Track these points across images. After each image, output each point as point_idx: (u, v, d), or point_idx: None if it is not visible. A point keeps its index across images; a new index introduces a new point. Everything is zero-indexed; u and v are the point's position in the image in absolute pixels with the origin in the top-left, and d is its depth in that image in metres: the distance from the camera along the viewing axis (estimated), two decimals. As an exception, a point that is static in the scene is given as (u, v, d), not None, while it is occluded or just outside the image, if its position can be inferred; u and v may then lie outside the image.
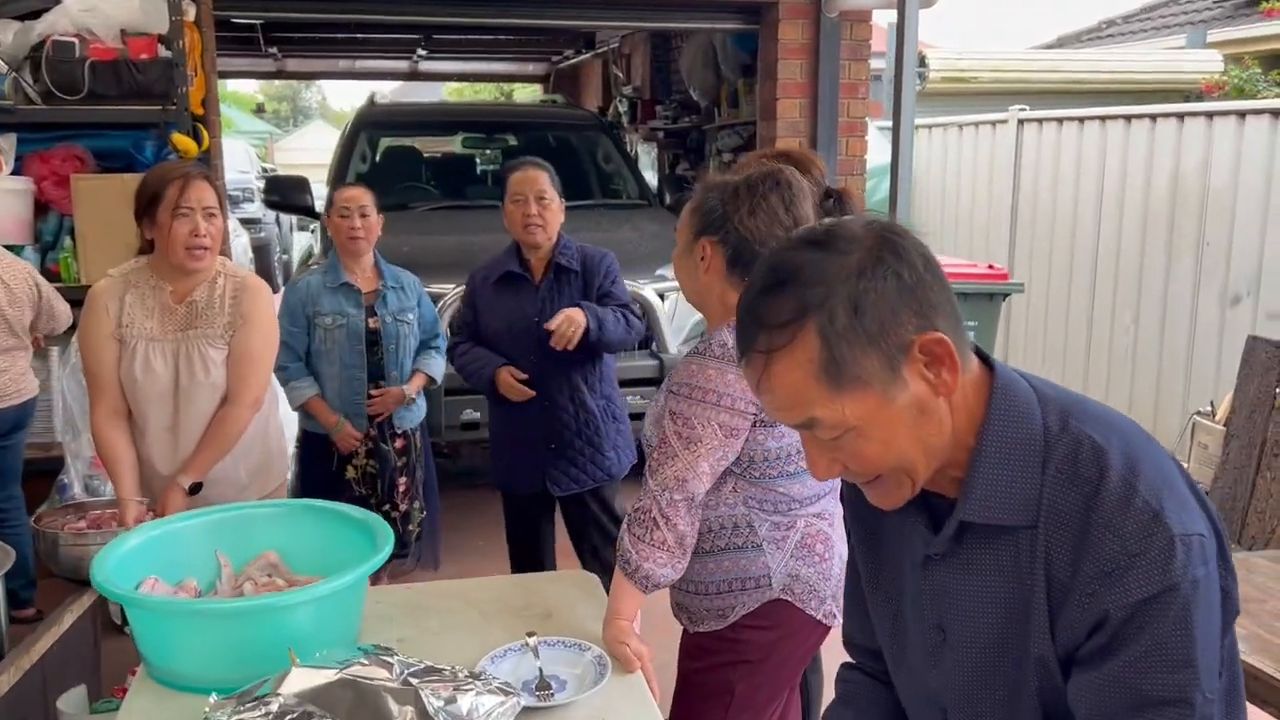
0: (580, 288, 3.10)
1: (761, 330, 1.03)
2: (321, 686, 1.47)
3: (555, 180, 3.10)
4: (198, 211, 2.54)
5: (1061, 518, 1.03)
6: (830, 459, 1.07)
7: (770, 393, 1.05)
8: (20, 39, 3.96)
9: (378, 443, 3.53)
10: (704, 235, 1.91)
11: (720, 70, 6.73)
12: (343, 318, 3.46)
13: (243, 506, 2.12)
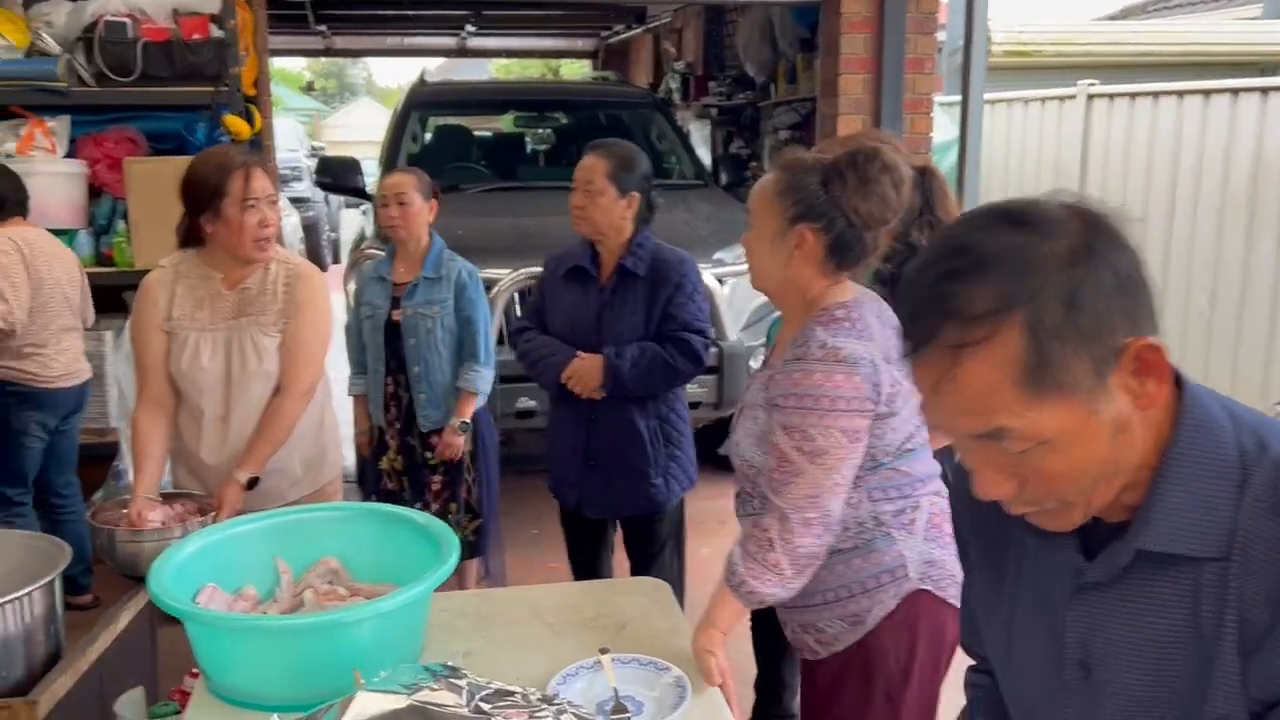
0: (645, 297, 2.77)
1: (952, 321, 0.88)
2: (389, 714, 1.38)
3: (619, 167, 2.74)
4: (263, 201, 2.49)
5: (1261, 550, 0.89)
6: (1005, 476, 0.93)
7: (950, 394, 0.90)
8: (73, 20, 3.91)
9: (404, 437, 3.45)
10: (802, 221, 1.77)
11: (777, 45, 6.54)
12: (371, 310, 3.40)
13: (303, 509, 2.04)
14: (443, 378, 3.38)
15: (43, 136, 3.88)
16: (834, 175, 1.77)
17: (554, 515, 3.21)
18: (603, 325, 2.78)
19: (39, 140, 3.88)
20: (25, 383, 3.46)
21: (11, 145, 3.88)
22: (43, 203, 3.92)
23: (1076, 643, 1.02)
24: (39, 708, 1.98)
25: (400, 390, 3.43)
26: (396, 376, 3.41)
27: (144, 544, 2.42)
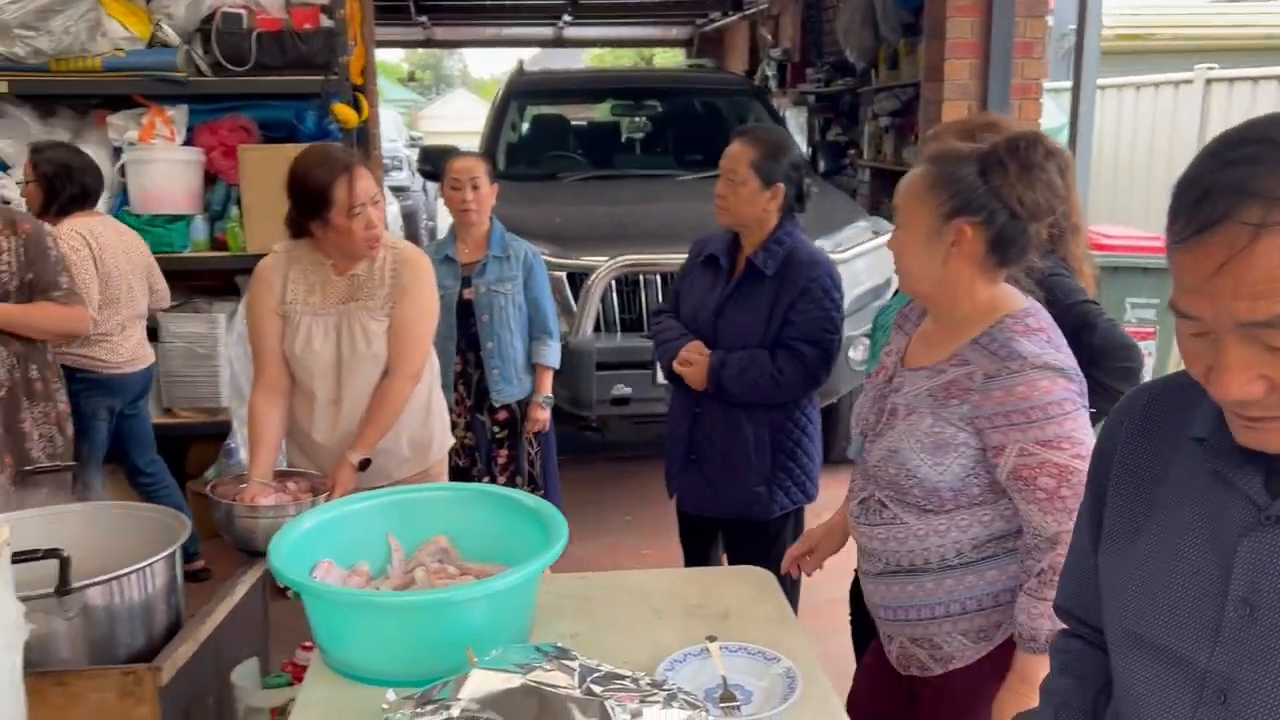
0: (769, 299, 2.61)
1: (1255, 200, 0.85)
2: (503, 692, 1.40)
3: (764, 156, 2.57)
4: (368, 204, 2.52)
5: None
6: (1255, 376, 0.89)
7: (1238, 274, 0.87)
8: (191, 12, 4.04)
9: (474, 414, 3.53)
10: (961, 215, 1.66)
11: (879, 30, 6.42)
12: (442, 290, 3.42)
13: (415, 489, 2.09)
14: (514, 353, 3.48)
15: (163, 125, 4.02)
16: (994, 164, 1.65)
17: (646, 500, 3.22)
18: (719, 322, 2.67)
19: (159, 129, 4.02)
20: (94, 369, 3.59)
21: (134, 133, 4.03)
22: (161, 189, 4.07)
23: (1244, 579, 0.98)
24: (162, 674, 2.06)
25: (469, 368, 3.52)
26: (466, 355, 3.50)
27: (259, 519, 2.50)
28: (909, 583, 1.78)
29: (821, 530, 2.08)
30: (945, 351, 1.76)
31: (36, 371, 2.89)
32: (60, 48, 3.85)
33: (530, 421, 3.53)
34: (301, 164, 2.57)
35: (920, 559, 1.75)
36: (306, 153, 2.65)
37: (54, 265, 2.86)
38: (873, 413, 1.85)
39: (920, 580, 1.76)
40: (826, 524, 2.09)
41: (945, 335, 1.77)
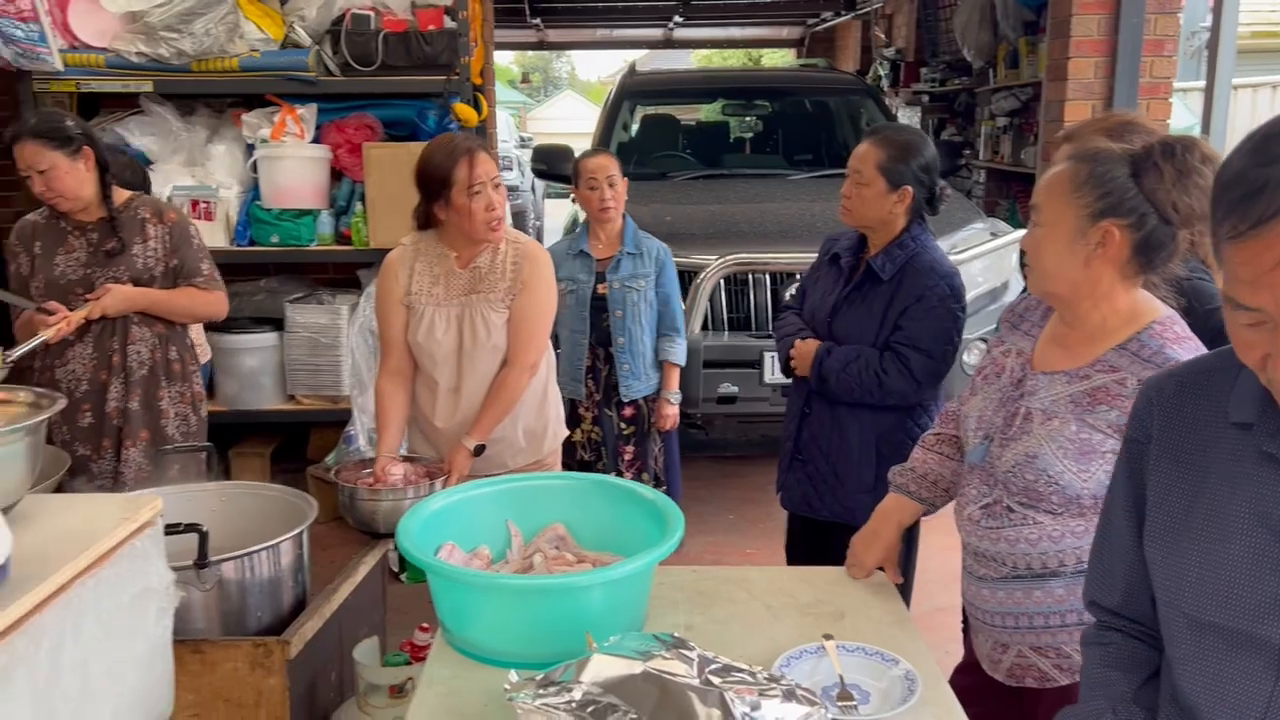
0: (883, 304, 2.58)
1: None
2: (624, 678, 1.42)
3: (893, 157, 2.52)
4: (488, 185, 2.60)
5: None
6: None
7: None
8: (322, 14, 4.20)
9: (601, 409, 3.57)
10: (1110, 216, 1.62)
11: (999, 28, 6.27)
12: (574, 284, 3.52)
13: (535, 477, 2.14)
14: (643, 349, 3.52)
15: (293, 123, 4.19)
16: (1148, 166, 1.61)
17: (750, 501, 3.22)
18: (834, 322, 2.65)
19: (290, 127, 4.19)
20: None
21: (266, 131, 4.21)
22: (291, 185, 4.24)
23: None
24: (291, 647, 2.15)
25: (599, 363, 3.56)
26: (596, 350, 3.55)
27: (380, 503, 2.59)
28: (1036, 588, 1.74)
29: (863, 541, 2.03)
30: (1087, 357, 1.71)
31: (176, 353, 3.04)
32: (201, 49, 4.04)
33: (659, 418, 3.57)
34: (427, 150, 2.70)
35: (1054, 561, 1.71)
36: (432, 142, 2.76)
37: (196, 252, 3.01)
38: (1000, 416, 1.81)
39: (1050, 585, 1.72)
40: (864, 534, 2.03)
41: (1082, 340, 1.73)
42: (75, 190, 2.89)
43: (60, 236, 2.96)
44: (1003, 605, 1.79)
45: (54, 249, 2.96)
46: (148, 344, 3.00)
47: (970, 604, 1.88)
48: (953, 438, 2.01)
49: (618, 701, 1.38)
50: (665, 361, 3.53)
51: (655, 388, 3.58)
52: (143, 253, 2.95)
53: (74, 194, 2.89)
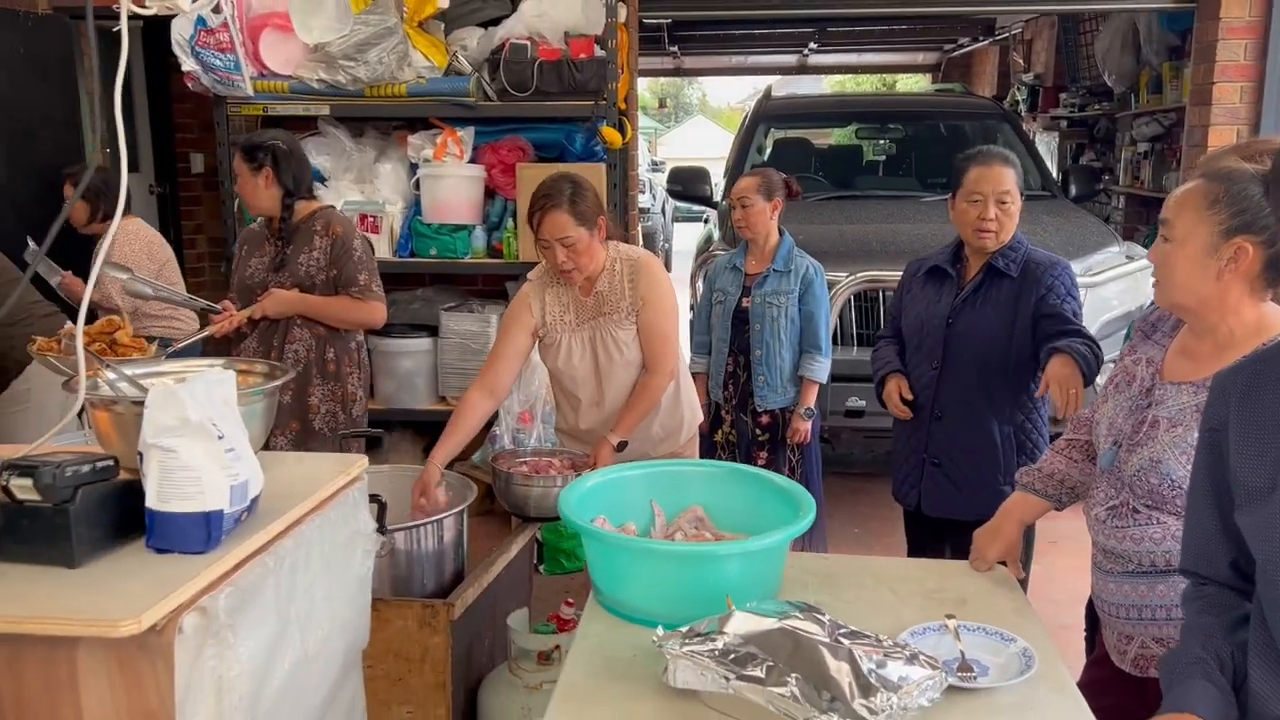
0: (1011, 297, 2.74)
1: None
2: (762, 632, 1.59)
3: (1020, 176, 2.78)
4: (554, 244, 2.76)
5: None
6: None
7: None
8: (483, 44, 4.53)
9: (738, 413, 3.74)
10: (1244, 233, 1.71)
11: (1141, 53, 6.21)
12: (723, 296, 3.73)
13: (677, 463, 2.33)
14: (781, 363, 3.66)
15: (453, 145, 4.52)
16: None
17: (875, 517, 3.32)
18: (952, 329, 2.79)
19: (450, 148, 4.52)
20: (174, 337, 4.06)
21: (429, 152, 4.56)
22: (449, 201, 4.57)
23: None
24: (454, 610, 2.40)
25: (739, 370, 3.74)
26: (737, 358, 3.73)
27: (532, 489, 2.83)
28: (1159, 582, 1.83)
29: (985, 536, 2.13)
30: (1213, 368, 1.78)
31: (333, 355, 3.33)
32: (374, 76, 4.41)
33: (791, 431, 3.71)
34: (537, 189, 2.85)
35: (1176, 559, 1.79)
36: (542, 182, 2.86)
37: (356, 265, 3.26)
38: (1129, 423, 1.91)
39: (1172, 580, 1.81)
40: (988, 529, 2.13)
41: (1210, 351, 1.81)
42: (250, 198, 3.28)
43: (259, 243, 3.33)
44: (1128, 598, 1.88)
45: (251, 254, 3.33)
46: (305, 344, 3.31)
47: (1098, 597, 1.98)
48: (1084, 443, 2.11)
49: (756, 651, 1.56)
50: (804, 377, 3.67)
51: (792, 401, 3.71)
52: (306, 262, 3.26)
53: (250, 201, 3.28)
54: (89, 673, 1.18)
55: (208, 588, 1.26)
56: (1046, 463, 2.13)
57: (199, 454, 1.29)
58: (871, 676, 1.52)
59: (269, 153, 3.23)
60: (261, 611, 1.36)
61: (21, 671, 1.18)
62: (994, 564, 2.10)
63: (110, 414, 1.51)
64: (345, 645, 1.69)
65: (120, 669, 1.18)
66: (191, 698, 1.21)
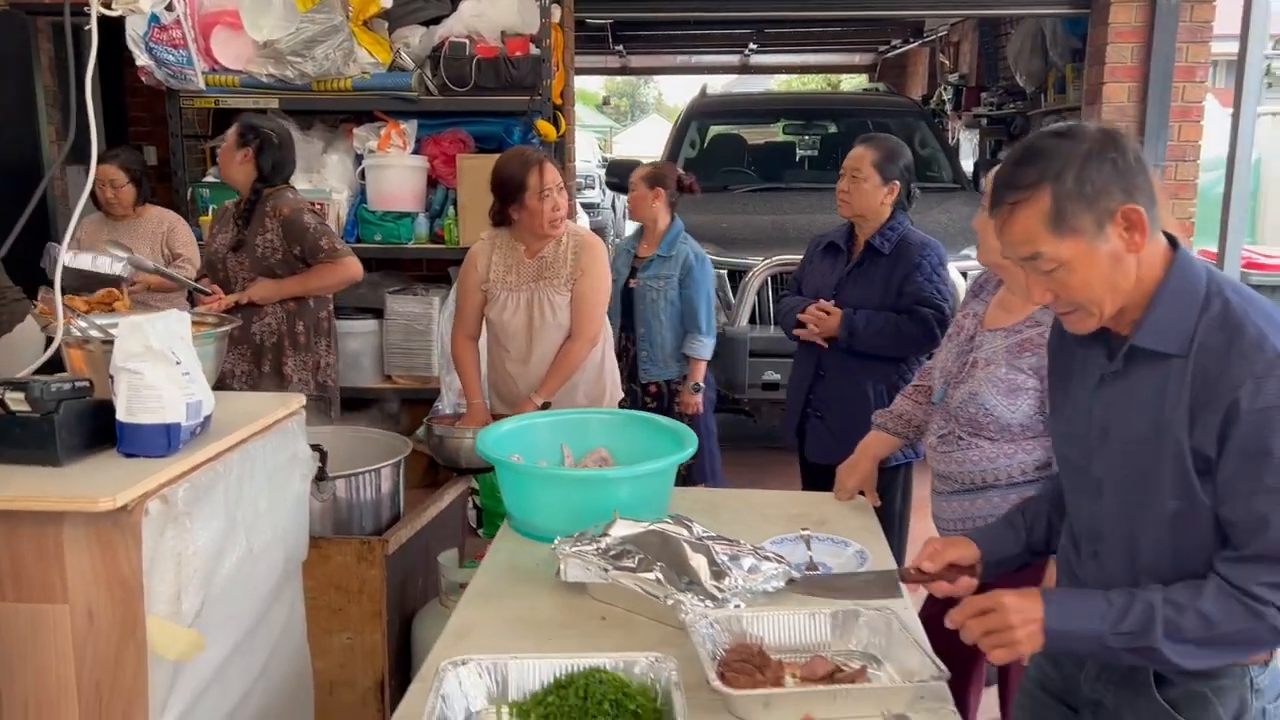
0: (885, 273, 3.06)
1: (1010, 189, 1.43)
2: (637, 534, 1.91)
3: (885, 158, 3.03)
4: (554, 190, 3.13)
5: (1208, 351, 1.39)
6: (1044, 287, 1.46)
7: (1009, 232, 1.45)
8: (424, 42, 4.80)
9: (629, 383, 4.07)
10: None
11: (1049, 56, 6.63)
12: (617, 275, 4.07)
13: (582, 411, 2.66)
14: (662, 340, 4.03)
15: (397, 137, 4.79)
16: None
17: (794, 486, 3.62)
18: (839, 297, 3.13)
19: (394, 140, 4.79)
20: None
21: (373, 143, 4.82)
22: (393, 190, 4.83)
23: (1100, 417, 1.53)
24: (389, 545, 2.69)
25: (628, 344, 4.11)
26: (627, 334, 4.10)
27: (464, 441, 3.13)
28: (979, 497, 2.19)
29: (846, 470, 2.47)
30: (1021, 315, 2.16)
31: (303, 326, 3.59)
32: (321, 71, 4.66)
33: (681, 404, 4.05)
34: (502, 160, 3.24)
35: (991, 477, 2.16)
36: (506, 153, 3.32)
37: (313, 235, 3.47)
38: (956, 365, 2.27)
39: (989, 495, 2.17)
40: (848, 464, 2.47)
41: (1020, 303, 2.17)
42: (225, 168, 3.54)
43: (227, 221, 3.59)
44: (956, 513, 2.24)
45: (220, 231, 3.60)
46: (276, 317, 3.55)
47: (937, 518, 2.33)
48: (927, 388, 2.46)
49: (631, 548, 1.88)
50: (687, 355, 4.03)
51: (675, 375, 4.08)
52: (262, 244, 3.49)
53: (223, 169, 3.57)
54: (72, 545, 1.46)
55: (169, 482, 1.55)
56: (897, 405, 2.48)
57: (160, 376, 1.58)
58: (724, 565, 1.84)
59: (258, 137, 3.49)
60: (213, 508, 1.66)
61: (17, 544, 1.47)
62: (854, 493, 2.44)
63: (83, 351, 1.80)
64: (285, 553, 1.98)
65: (98, 542, 1.47)
66: (156, 568, 1.50)
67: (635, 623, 1.83)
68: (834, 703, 1.50)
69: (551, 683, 1.53)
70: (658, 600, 1.78)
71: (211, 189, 4.81)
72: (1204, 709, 1.48)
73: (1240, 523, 1.38)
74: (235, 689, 1.77)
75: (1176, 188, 5.32)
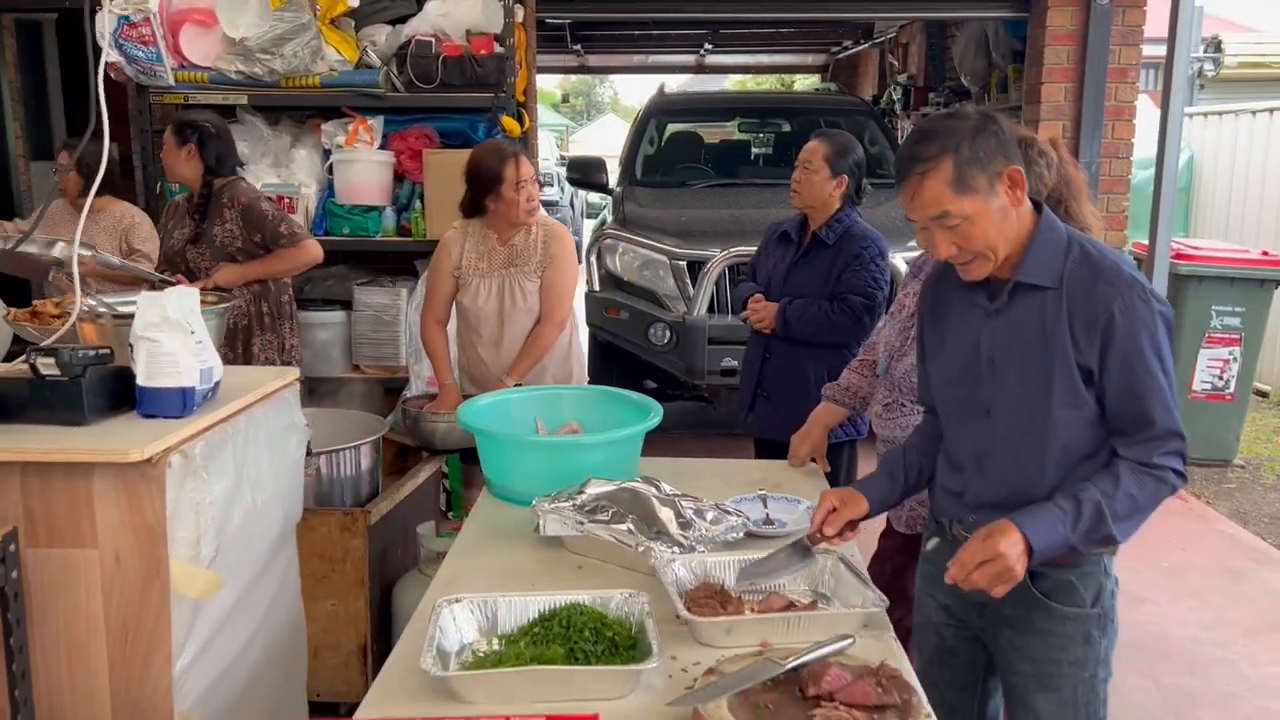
0: (828, 263, 3.23)
1: (917, 161, 1.70)
2: (610, 491, 2.10)
3: (835, 152, 3.19)
4: (528, 181, 3.30)
5: (1076, 281, 1.74)
6: (949, 242, 1.74)
7: (920, 198, 1.71)
8: (391, 40, 4.93)
9: None
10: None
11: (992, 57, 6.91)
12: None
13: (554, 387, 2.85)
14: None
15: (364, 132, 4.92)
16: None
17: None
18: (788, 283, 3.32)
19: (361, 135, 4.92)
20: None
21: (341, 138, 4.94)
22: (361, 184, 4.96)
23: (987, 349, 1.83)
24: (370, 516, 2.85)
25: None
26: None
27: (439, 423, 3.29)
28: None
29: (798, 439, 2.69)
30: None
31: (268, 308, 3.71)
32: (290, 68, 4.76)
33: None
34: (478, 153, 3.38)
35: None
36: (481, 146, 3.46)
37: (272, 222, 3.60)
38: (898, 339, 2.48)
39: None
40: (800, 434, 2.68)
41: None
42: (171, 167, 3.66)
43: (181, 215, 3.70)
44: None
45: (176, 226, 3.71)
46: (245, 299, 3.68)
47: None
48: (871, 362, 2.67)
49: (605, 503, 2.06)
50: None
51: None
52: (221, 233, 3.61)
53: (170, 170, 3.67)
54: (102, 494, 1.61)
55: (188, 439, 1.70)
56: (844, 379, 2.69)
57: (177, 344, 1.74)
58: (689, 518, 2.03)
59: (196, 131, 3.60)
60: (224, 465, 1.81)
61: (50, 495, 1.61)
62: (806, 460, 2.64)
63: (96, 325, 1.94)
64: (284, 512, 2.14)
65: (126, 492, 1.62)
66: (178, 517, 1.66)
67: (609, 571, 2.01)
68: (788, 629, 1.69)
69: (536, 616, 1.70)
70: (630, 548, 1.96)
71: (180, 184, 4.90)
72: (1071, 593, 1.82)
73: (1130, 414, 1.72)
74: (242, 633, 1.93)
75: (1110, 183, 5.61)
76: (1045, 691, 1.86)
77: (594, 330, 5.37)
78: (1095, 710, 1.87)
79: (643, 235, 5.27)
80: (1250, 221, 7.27)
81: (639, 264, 5.20)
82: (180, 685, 1.69)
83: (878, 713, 1.42)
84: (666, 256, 5.10)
